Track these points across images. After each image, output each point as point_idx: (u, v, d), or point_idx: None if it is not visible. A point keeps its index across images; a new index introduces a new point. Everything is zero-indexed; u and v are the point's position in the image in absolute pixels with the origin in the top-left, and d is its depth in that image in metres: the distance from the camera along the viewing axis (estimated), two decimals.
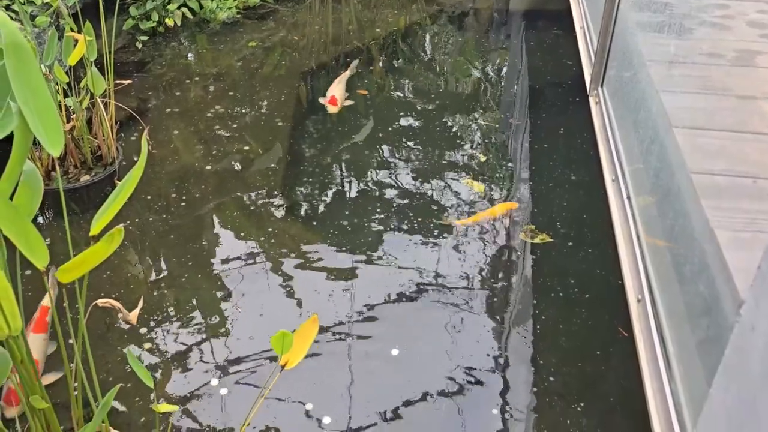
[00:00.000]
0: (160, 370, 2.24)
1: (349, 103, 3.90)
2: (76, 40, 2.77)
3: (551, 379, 2.22)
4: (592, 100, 2.72)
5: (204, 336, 2.38)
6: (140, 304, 1.69)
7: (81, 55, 2.74)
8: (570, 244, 2.80)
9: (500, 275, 2.66)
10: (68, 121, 3.04)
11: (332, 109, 3.80)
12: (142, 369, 1.50)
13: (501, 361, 2.29)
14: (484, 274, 2.66)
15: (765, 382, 0.83)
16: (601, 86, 2.66)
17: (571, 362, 2.28)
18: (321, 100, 3.88)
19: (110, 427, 1.59)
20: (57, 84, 2.96)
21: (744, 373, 0.90)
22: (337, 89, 3.94)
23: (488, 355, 2.31)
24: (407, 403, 2.14)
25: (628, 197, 1.97)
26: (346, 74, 4.15)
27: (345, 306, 2.49)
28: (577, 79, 3.27)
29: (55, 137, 1.27)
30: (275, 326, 1.48)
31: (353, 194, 3.15)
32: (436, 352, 2.31)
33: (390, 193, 3.14)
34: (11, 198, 1.33)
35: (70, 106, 3.05)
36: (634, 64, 2.16)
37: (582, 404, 2.13)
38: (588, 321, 2.43)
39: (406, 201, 3.07)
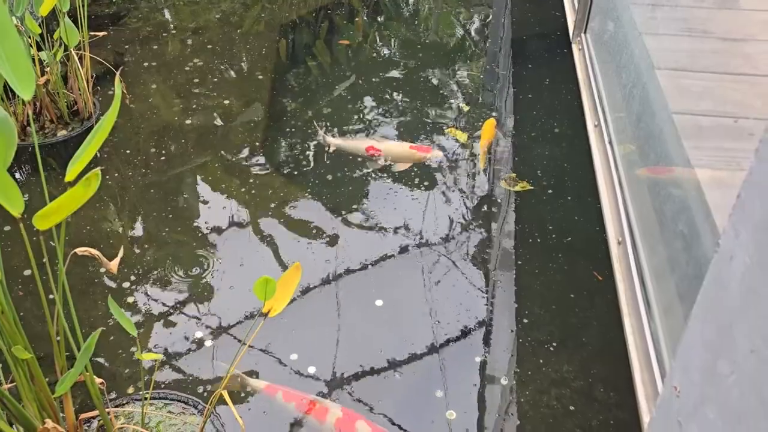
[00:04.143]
0: (143, 324, 2.24)
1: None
2: None
3: (530, 324, 2.25)
4: (575, 47, 2.70)
5: (186, 288, 2.37)
6: (120, 253, 1.67)
7: (53, 5, 2.66)
8: (550, 192, 2.81)
9: (481, 223, 2.67)
10: (42, 75, 2.97)
11: (412, 162, 2.96)
12: (124, 318, 1.49)
13: (481, 308, 2.31)
14: (465, 222, 2.67)
15: (742, 310, 0.83)
16: (584, 32, 2.63)
17: (549, 307, 2.31)
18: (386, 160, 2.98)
19: (94, 377, 1.59)
20: (30, 36, 2.88)
21: (721, 302, 0.91)
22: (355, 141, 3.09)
23: (469, 302, 2.33)
24: (391, 352, 2.16)
25: (610, 142, 1.97)
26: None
27: (328, 257, 2.49)
28: (565, 31, 3.24)
29: (26, 81, 1.24)
30: (257, 277, 1.47)
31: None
32: (418, 302, 2.33)
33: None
34: None
35: (44, 60, 2.97)
36: (618, 7, 2.13)
37: (558, 347, 2.17)
38: (564, 266, 2.46)
39: None
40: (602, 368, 2.11)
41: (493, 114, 3.37)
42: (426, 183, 2.86)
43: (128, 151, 3.02)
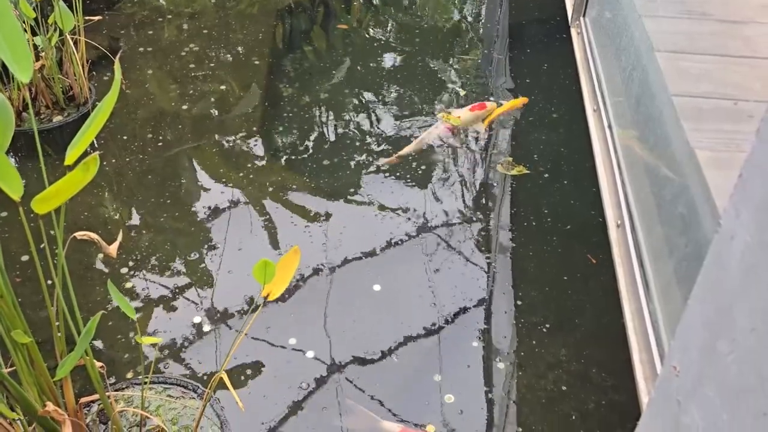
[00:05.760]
0: (141, 309, 2.24)
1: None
2: None
3: (525, 307, 2.26)
4: (573, 31, 2.69)
5: (185, 273, 2.37)
6: (119, 237, 1.67)
7: None
8: (546, 176, 2.81)
9: (476, 207, 2.67)
10: (37, 60, 2.95)
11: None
12: (123, 301, 1.49)
13: (477, 291, 2.32)
14: (461, 206, 2.67)
15: (743, 289, 0.84)
16: (583, 16, 2.62)
17: (544, 290, 2.32)
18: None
19: (94, 361, 1.59)
20: (24, 21, 2.85)
21: (722, 282, 0.91)
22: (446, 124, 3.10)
23: (465, 285, 2.33)
24: (389, 336, 2.17)
25: (609, 126, 1.97)
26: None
27: (325, 243, 2.50)
28: (564, 15, 3.22)
29: (24, 62, 1.23)
30: (256, 261, 1.47)
31: (332, 132, 3.11)
32: (415, 286, 2.33)
33: (369, 129, 3.11)
34: None
35: (39, 45, 2.95)
36: None
37: (553, 329, 2.18)
38: (559, 249, 2.46)
39: (384, 136, 3.05)
40: (597, 351, 2.12)
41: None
42: (423, 167, 2.86)
43: (125, 137, 3.00)
